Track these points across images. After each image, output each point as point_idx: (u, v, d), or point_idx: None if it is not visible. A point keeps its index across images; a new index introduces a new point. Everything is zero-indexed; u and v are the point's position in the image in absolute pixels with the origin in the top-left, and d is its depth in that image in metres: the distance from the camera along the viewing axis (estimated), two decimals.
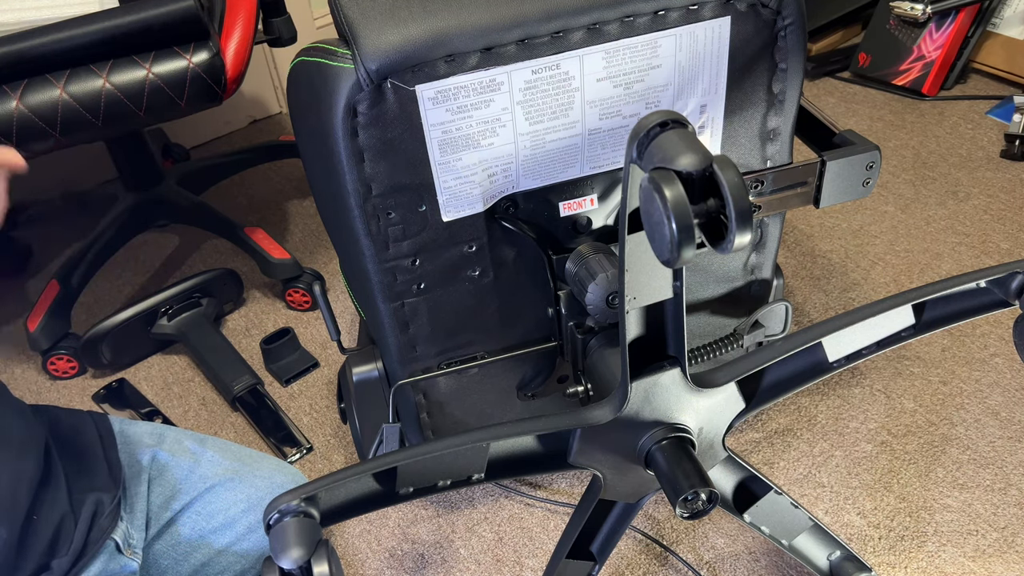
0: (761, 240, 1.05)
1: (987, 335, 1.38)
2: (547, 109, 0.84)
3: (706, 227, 0.56)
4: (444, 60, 0.78)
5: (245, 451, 0.99)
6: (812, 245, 1.61)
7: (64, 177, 1.80)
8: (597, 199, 0.94)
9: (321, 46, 0.82)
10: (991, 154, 1.77)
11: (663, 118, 0.57)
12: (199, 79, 1.18)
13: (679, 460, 0.75)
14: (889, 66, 1.98)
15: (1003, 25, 1.92)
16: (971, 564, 1.10)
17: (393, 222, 0.88)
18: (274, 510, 0.67)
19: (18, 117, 1.12)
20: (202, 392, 1.45)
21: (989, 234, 1.58)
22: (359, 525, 1.22)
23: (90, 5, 1.18)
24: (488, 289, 0.98)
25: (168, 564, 0.88)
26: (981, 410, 1.28)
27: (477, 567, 1.16)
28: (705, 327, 1.11)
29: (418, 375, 1.03)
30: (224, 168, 1.88)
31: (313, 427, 1.37)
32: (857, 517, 1.17)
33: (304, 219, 1.82)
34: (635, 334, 0.72)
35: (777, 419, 1.30)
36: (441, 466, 0.75)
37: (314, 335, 1.53)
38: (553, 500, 1.23)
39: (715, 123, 0.91)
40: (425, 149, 0.83)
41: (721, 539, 1.16)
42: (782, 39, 0.87)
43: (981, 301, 0.83)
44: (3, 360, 1.52)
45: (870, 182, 0.97)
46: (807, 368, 0.83)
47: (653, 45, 0.83)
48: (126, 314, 1.44)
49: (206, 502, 0.90)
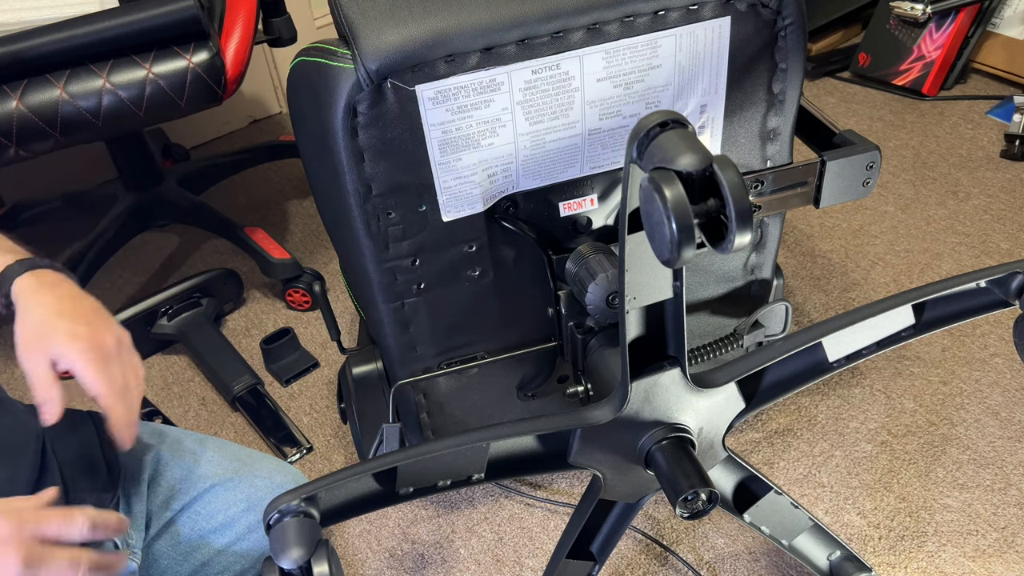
0: (761, 240, 1.05)
1: (987, 335, 1.38)
2: (547, 109, 0.84)
3: (706, 227, 0.56)
4: (444, 60, 0.78)
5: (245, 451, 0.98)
6: (812, 245, 1.61)
7: (64, 177, 1.80)
8: (597, 199, 0.94)
9: (321, 46, 0.82)
10: (991, 154, 1.77)
11: (663, 118, 0.57)
12: (199, 79, 1.18)
13: (679, 460, 0.75)
14: (889, 66, 1.98)
15: (1003, 25, 1.92)
16: (971, 564, 1.10)
17: (393, 222, 0.88)
18: (274, 510, 0.67)
19: (18, 117, 1.12)
20: (202, 392, 1.45)
21: (989, 234, 1.58)
22: (359, 525, 1.22)
23: (90, 5, 1.18)
24: (488, 289, 0.98)
25: (168, 564, 0.88)
26: (981, 410, 1.28)
27: (477, 567, 1.16)
28: (705, 327, 1.11)
29: (418, 375, 1.03)
30: (224, 168, 1.88)
31: (313, 427, 1.37)
32: (857, 517, 1.17)
33: (304, 219, 1.82)
34: (635, 334, 0.72)
35: (777, 419, 1.30)
36: (441, 466, 0.75)
37: (314, 335, 1.53)
38: (553, 500, 1.23)
39: (715, 123, 0.91)
40: (425, 149, 0.83)
41: (721, 539, 1.16)
42: (782, 39, 0.87)
43: (981, 301, 0.83)
44: (3, 360, 1.52)
45: (870, 182, 0.97)
46: (807, 368, 0.83)
47: (653, 45, 0.83)
48: (126, 314, 1.44)
49: (206, 502, 0.90)
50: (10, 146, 1.14)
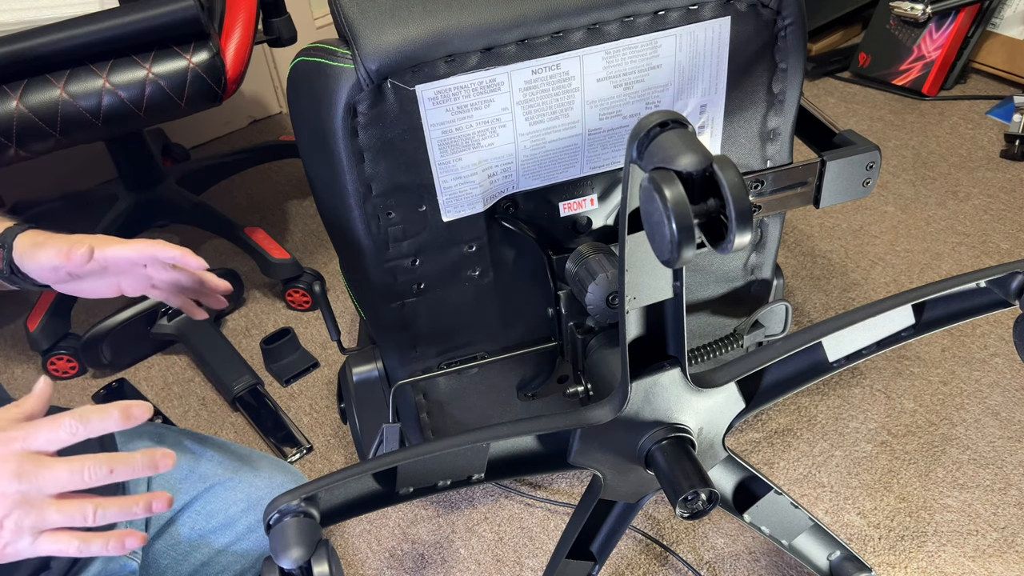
0: (761, 240, 1.05)
1: (987, 335, 1.38)
2: (547, 109, 0.84)
3: (706, 227, 0.56)
4: (444, 60, 0.78)
5: (245, 451, 0.99)
6: (812, 245, 1.61)
7: (64, 177, 1.80)
8: (597, 199, 0.94)
9: (321, 46, 0.82)
10: (991, 154, 1.77)
11: (663, 118, 0.57)
12: (199, 79, 1.18)
13: (679, 460, 0.75)
14: (889, 66, 1.98)
15: (1003, 25, 1.92)
16: (971, 564, 1.10)
17: (393, 222, 0.88)
18: (274, 510, 0.67)
19: (18, 117, 1.12)
20: (202, 392, 1.45)
21: (989, 234, 1.58)
22: (359, 525, 1.22)
23: (90, 5, 1.18)
24: (488, 289, 0.98)
25: (168, 564, 0.88)
26: (981, 410, 1.28)
27: (477, 567, 1.16)
28: (705, 327, 1.11)
29: (418, 375, 1.03)
30: (224, 168, 1.88)
31: (313, 427, 1.37)
32: (857, 517, 1.17)
33: (304, 219, 1.82)
34: (635, 334, 0.72)
35: (777, 419, 1.30)
36: (441, 466, 0.75)
37: (314, 335, 1.53)
38: (553, 500, 1.23)
39: (715, 123, 0.91)
40: (425, 149, 0.83)
41: (721, 539, 1.16)
42: (782, 39, 0.87)
43: (981, 301, 0.83)
44: (3, 360, 1.52)
45: (870, 182, 0.97)
46: (807, 368, 0.83)
47: (653, 45, 0.83)
48: (126, 314, 1.44)
49: (206, 502, 0.90)
50: (10, 146, 1.14)
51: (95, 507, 0.61)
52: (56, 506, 0.60)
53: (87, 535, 0.61)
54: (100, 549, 0.61)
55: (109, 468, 0.61)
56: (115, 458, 0.62)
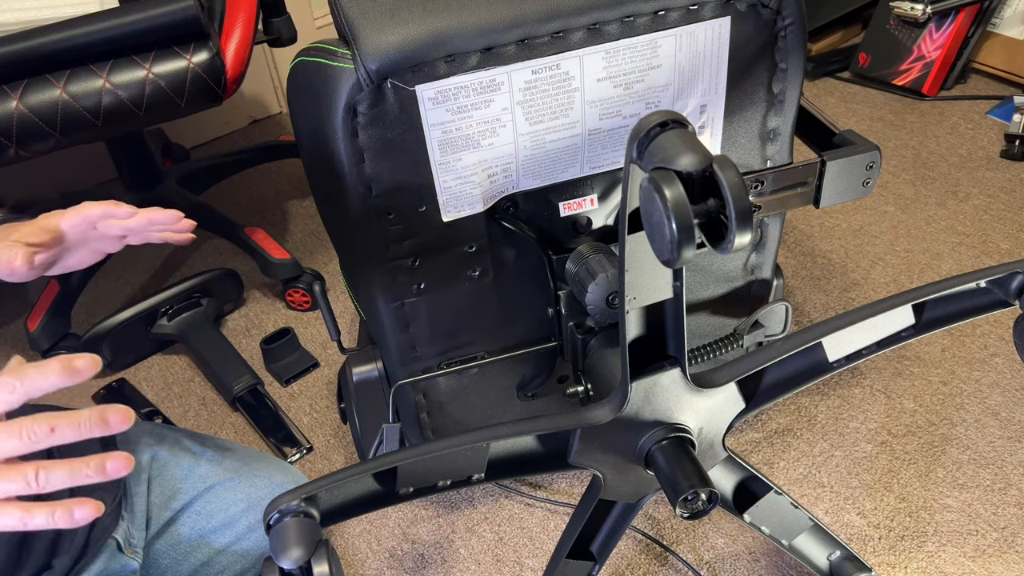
0: (761, 240, 1.05)
1: (987, 335, 1.38)
2: (547, 109, 0.84)
3: (706, 227, 0.56)
4: (444, 60, 0.78)
5: (245, 451, 0.99)
6: (812, 245, 1.61)
7: (64, 177, 1.80)
8: (597, 199, 0.94)
9: (321, 46, 0.82)
10: (991, 154, 1.77)
11: (663, 118, 0.57)
12: (199, 79, 1.18)
13: (679, 460, 0.75)
14: (889, 66, 1.98)
15: (1003, 25, 1.92)
16: (971, 564, 1.10)
17: (393, 222, 0.88)
18: (274, 510, 0.67)
19: (18, 117, 1.12)
20: (202, 392, 1.45)
21: (989, 234, 1.58)
22: (359, 525, 1.22)
23: (90, 5, 1.18)
24: (488, 289, 0.98)
25: (168, 563, 0.88)
26: (981, 410, 1.28)
27: (477, 567, 1.16)
28: (705, 327, 1.11)
29: (418, 375, 1.03)
30: (224, 168, 1.88)
31: (313, 427, 1.37)
32: (857, 517, 1.17)
33: (304, 219, 1.82)
34: (635, 334, 0.72)
35: (777, 419, 1.30)
36: (441, 466, 0.75)
37: (314, 335, 1.53)
38: (553, 500, 1.23)
39: (715, 123, 0.91)
40: (425, 149, 0.83)
41: (721, 539, 1.16)
42: (782, 39, 0.87)
43: (981, 301, 0.83)
44: (3, 360, 1.52)
45: (870, 182, 0.97)
46: (807, 368, 0.83)
47: (653, 45, 0.83)
48: (126, 314, 1.44)
49: (206, 502, 0.90)
50: (10, 146, 1.14)
51: (36, 469, 0.56)
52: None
53: (29, 505, 0.56)
54: (45, 520, 0.56)
55: (49, 426, 0.56)
56: (58, 415, 0.56)
